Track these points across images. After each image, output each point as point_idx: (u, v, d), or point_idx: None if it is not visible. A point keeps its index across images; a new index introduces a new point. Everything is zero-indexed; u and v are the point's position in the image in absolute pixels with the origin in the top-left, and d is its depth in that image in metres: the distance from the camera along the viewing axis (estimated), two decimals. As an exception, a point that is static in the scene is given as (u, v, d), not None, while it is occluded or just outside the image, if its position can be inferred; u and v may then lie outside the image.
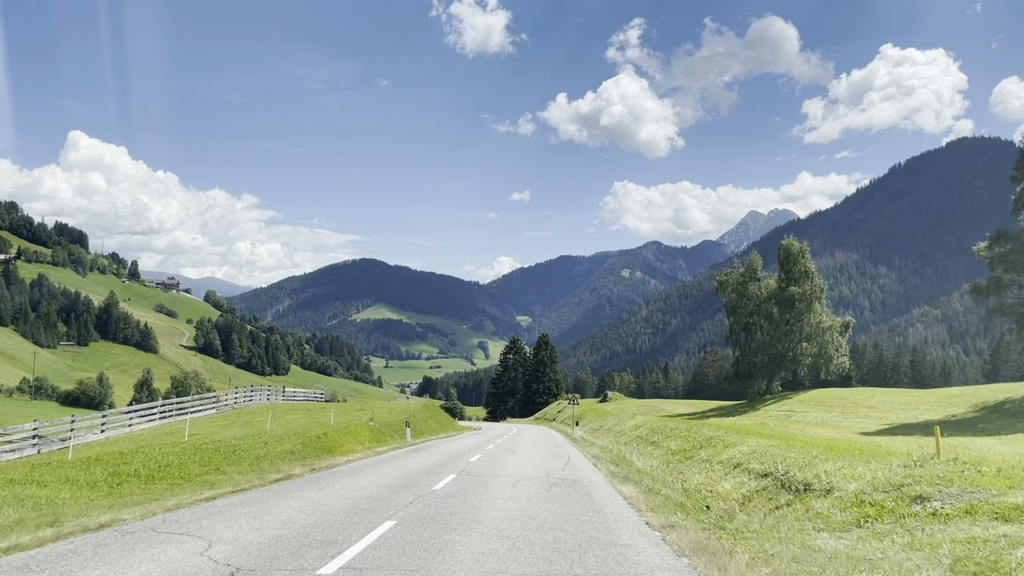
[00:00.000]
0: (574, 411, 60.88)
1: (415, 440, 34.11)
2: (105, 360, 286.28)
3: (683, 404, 73.05)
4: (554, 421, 71.06)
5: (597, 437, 38.95)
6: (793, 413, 51.19)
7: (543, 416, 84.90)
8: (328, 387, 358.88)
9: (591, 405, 78.67)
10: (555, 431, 55.72)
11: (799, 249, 72.76)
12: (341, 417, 39.49)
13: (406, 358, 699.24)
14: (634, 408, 69.73)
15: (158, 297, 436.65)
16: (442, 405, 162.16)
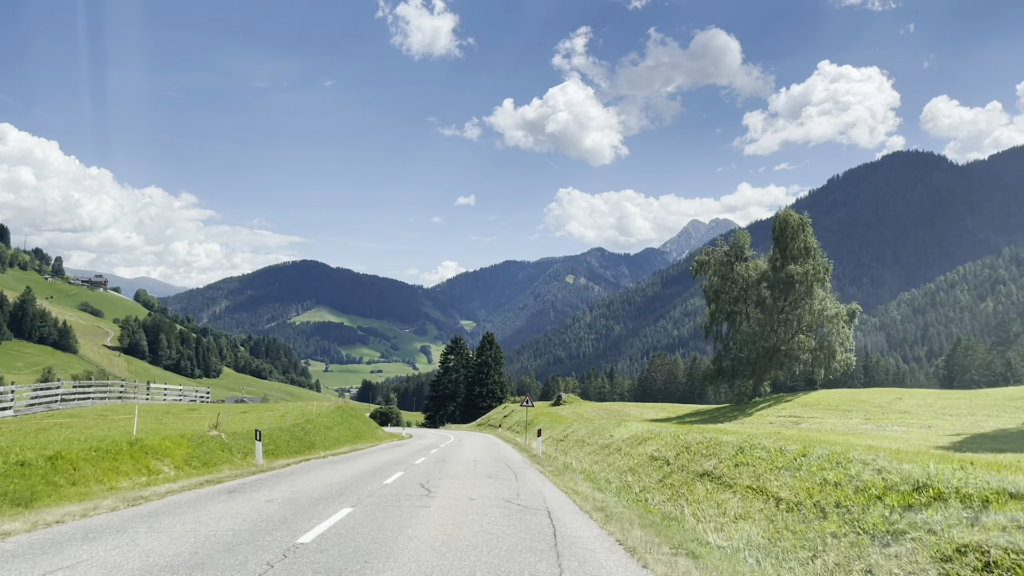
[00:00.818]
0: (527, 416, 48.67)
1: (272, 462, 21.15)
2: (17, 360, 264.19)
3: (649, 408, 61.64)
4: (500, 428, 58.95)
5: (567, 453, 26.74)
6: (800, 419, 39.96)
7: (487, 422, 72.95)
8: (262, 390, 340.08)
9: (543, 409, 66.67)
10: (503, 440, 43.63)
11: (798, 221, 61.83)
12: (178, 423, 26.46)
13: (347, 362, 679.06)
14: (593, 412, 57.91)
15: (83, 295, 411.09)
16: (378, 410, 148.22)
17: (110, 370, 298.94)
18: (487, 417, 77.34)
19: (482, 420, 77.78)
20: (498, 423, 64.20)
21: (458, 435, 56.81)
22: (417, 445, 36.36)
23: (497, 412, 75.20)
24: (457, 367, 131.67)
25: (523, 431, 47.92)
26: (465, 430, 78.11)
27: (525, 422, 49.06)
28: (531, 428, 44.96)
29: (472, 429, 75.60)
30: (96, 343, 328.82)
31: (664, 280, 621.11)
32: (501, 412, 72.20)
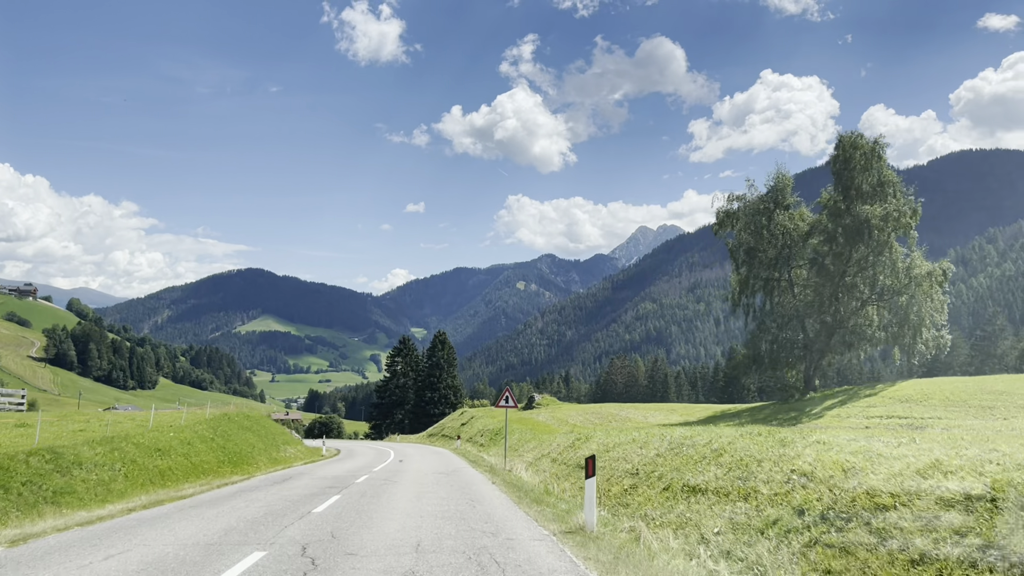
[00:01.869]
0: (496, 422, 35.29)
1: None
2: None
3: (654, 409, 47.32)
4: (458, 440, 45.50)
5: (627, 503, 13.07)
6: (916, 422, 27.09)
7: (440, 431, 59.65)
8: (201, 401, 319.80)
9: (512, 414, 53.07)
10: (465, 461, 30.68)
11: (870, 147, 46.68)
12: None
13: (294, 372, 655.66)
14: (579, 416, 44.70)
15: (11, 304, 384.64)
16: (316, 420, 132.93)
17: (33, 382, 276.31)
18: (440, 426, 63.85)
19: (434, 429, 64.37)
20: (454, 433, 50.92)
21: (402, 450, 43.59)
22: (330, 472, 22.93)
23: (453, 419, 61.72)
24: (405, 371, 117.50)
25: (491, 443, 34.61)
26: (413, 442, 64.46)
27: (493, 431, 35.72)
28: (499, 439, 31.87)
29: (422, 441, 62.19)
30: (20, 354, 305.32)
31: (615, 285, 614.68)
32: (458, 419, 58.75)
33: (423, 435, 67.23)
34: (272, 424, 40.03)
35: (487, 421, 47.43)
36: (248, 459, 25.60)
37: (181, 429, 23.36)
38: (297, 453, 35.89)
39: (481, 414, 53.46)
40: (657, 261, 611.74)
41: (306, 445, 51.12)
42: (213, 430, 25.70)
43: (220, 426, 27.01)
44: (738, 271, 49.74)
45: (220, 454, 23.11)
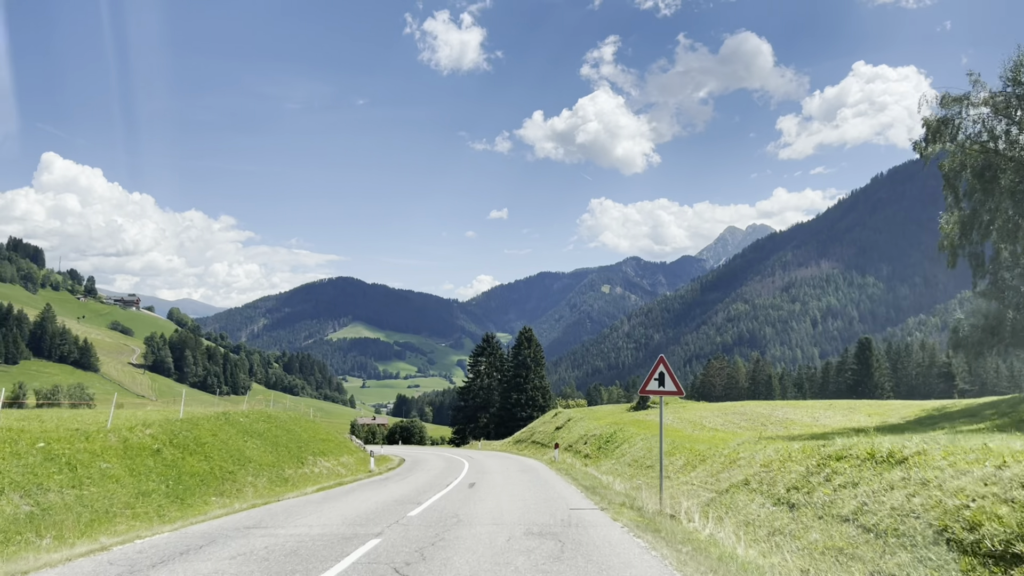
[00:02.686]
0: (660, 421, 24.53)
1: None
2: (35, 379, 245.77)
3: (819, 408, 33.65)
4: (555, 449, 34.80)
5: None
6: None
7: (529, 437, 49.51)
8: (294, 407, 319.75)
9: (617, 414, 41.90)
10: (577, 489, 19.73)
11: None
12: None
13: (384, 377, 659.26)
14: (717, 417, 33.12)
15: (116, 314, 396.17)
16: (398, 424, 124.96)
17: (132, 388, 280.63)
18: (529, 430, 53.45)
19: (522, 435, 54.17)
20: (548, 439, 40.71)
21: (480, 464, 33.95)
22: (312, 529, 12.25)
23: (544, 423, 51.12)
24: (489, 371, 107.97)
25: (601, 454, 24.16)
26: (497, 450, 54.60)
27: (601, 438, 25.14)
28: (611, 448, 21.26)
29: (507, 448, 52.42)
30: (121, 361, 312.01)
31: (703, 286, 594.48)
32: (551, 422, 48.27)
33: (509, 441, 57.08)
34: (310, 428, 30.80)
35: (589, 424, 37.09)
36: (217, 487, 16.14)
37: (97, 436, 14.02)
38: (330, 469, 26.40)
39: (580, 415, 43.14)
40: (747, 261, 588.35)
41: (368, 452, 41.77)
42: (170, 438, 16.47)
43: (191, 432, 17.79)
44: (958, 207, 36.01)
45: (155, 482, 13.71)
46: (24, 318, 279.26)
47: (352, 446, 37.67)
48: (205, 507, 14.19)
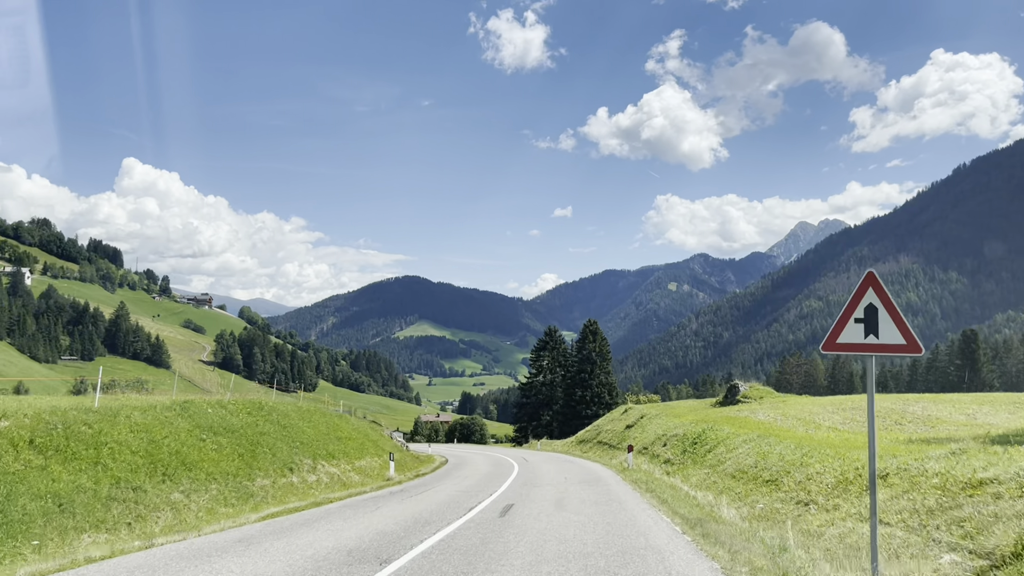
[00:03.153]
0: (870, 422, 17.62)
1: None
2: (109, 375, 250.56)
3: (974, 403, 25.59)
4: (628, 453, 27.60)
5: None
6: None
7: (594, 437, 42.66)
8: (358, 404, 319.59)
9: (701, 411, 34.13)
10: (678, 530, 12.44)
11: None
12: None
13: (449, 375, 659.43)
14: (835, 414, 25.46)
15: (189, 313, 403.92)
16: (457, 421, 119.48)
17: (201, 384, 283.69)
18: (595, 429, 46.35)
19: (586, 434, 47.25)
20: (617, 440, 33.86)
21: (534, 469, 27.65)
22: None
23: (613, 420, 43.90)
24: (552, 366, 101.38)
25: (689, 460, 17.57)
26: (559, 451, 48.09)
27: (686, 439, 18.35)
28: (702, 452, 14.58)
29: (570, 449, 45.87)
30: (192, 358, 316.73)
31: (774, 283, 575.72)
32: (620, 419, 41.12)
33: (571, 441, 50.23)
34: (323, 424, 24.99)
35: (667, 422, 30.28)
36: (92, 514, 10.03)
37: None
38: (335, 477, 20.44)
39: (654, 412, 36.24)
40: (821, 257, 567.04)
41: (411, 451, 35.73)
42: (32, 436, 10.62)
43: (92, 428, 11.93)
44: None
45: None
46: (100, 316, 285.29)
47: (388, 445, 31.66)
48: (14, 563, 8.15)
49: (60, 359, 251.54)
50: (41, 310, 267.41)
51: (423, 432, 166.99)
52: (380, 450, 28.93)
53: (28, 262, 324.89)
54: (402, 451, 35.82)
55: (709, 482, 17.91)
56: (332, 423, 26.33)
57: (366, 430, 32.19)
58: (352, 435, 27.12)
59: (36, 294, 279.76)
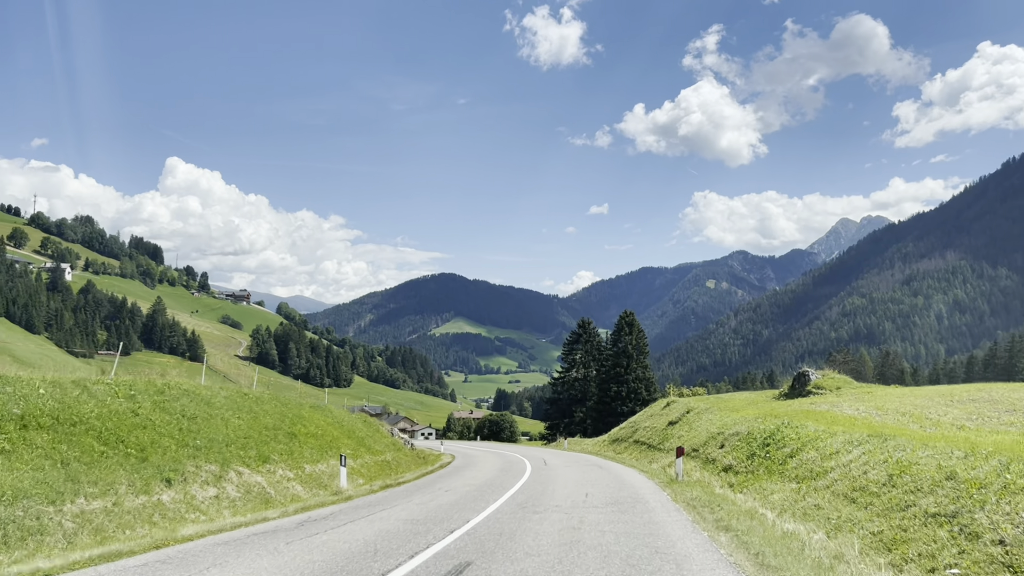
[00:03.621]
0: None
1: None
2: (145, 370, 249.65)
3: None
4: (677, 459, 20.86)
5: None
6: None
7: (630, 436, 35.87)
8: (393, 400, 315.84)
9: (762, 403, 27.03)
10: None
11: None
12: None
13: (485, 372, 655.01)
14: (953, 407, 18.87)
15: (227, 309, 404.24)
16: (487, 417, 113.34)
17: (236, 379, 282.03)
18: (631, 426, 39.39)
19: (621, 431, 40.38)
20: (659, 439, 27.41)
21: (550, 476, 21.13)
22: None
23: (651, 416, 36.87)
24: (586, 360, 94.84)
25: (760, 471, 11.04)
26: (589, 451, 41.58)
27: (753, 440, 11.89)
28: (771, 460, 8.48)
29: (601, 450, 39.32)
30: (228, 353, 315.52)
31: (816, 280, 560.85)
32: (661, 415, 34.19)
33: (604, 440, 43.41)
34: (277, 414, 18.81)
35: (723, 419, 23.66)
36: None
37: None
38: (263, 490, 14.01)
39: (703, 405, 29.50)
40: (863, 253, 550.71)
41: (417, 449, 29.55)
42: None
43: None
44: None
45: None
46: (138, 311, 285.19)
47: (380, 443, 25.55)
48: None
49: (97, 354, 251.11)
50: (80, 305, 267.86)
51: (455, 429, 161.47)
52: (363, 450, 22.91)
53: (70, 258, 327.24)
54: (401, 450, 29.73)
55: (806, 505, 11.53)
56: (293, 414, 20.42)
57: (352, 425, 26.20)
58: (321, 431, 21.17)
59: (75, 289, 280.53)
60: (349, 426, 24.78)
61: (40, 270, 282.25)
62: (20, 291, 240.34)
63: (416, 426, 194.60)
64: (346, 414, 28.16)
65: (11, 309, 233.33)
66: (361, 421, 29.40)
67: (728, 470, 17.72)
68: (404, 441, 33.37)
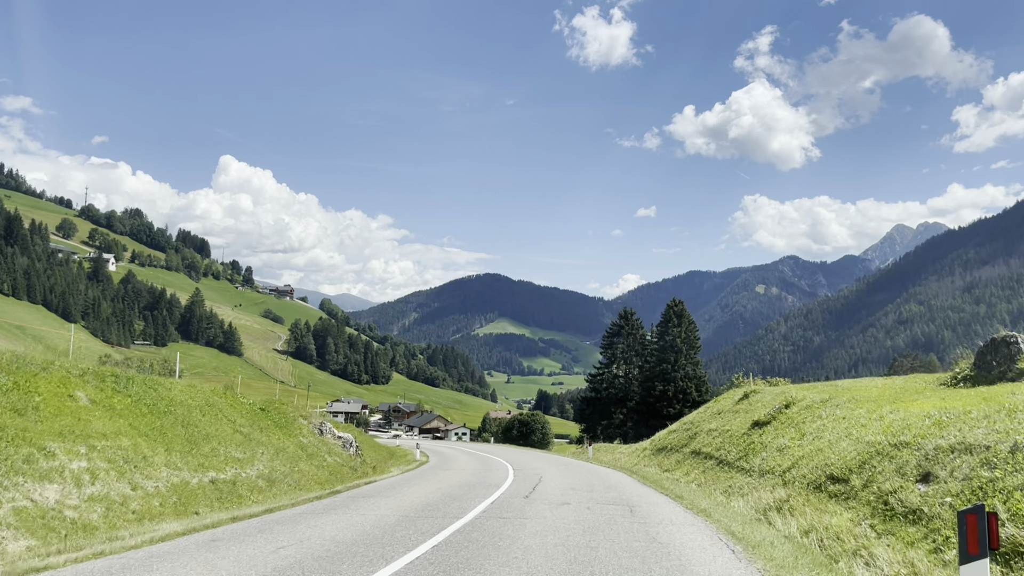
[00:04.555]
0: None
1: None
2: (181, 362, 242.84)
3: None
4: (779, 491, 9.45)
5: None
6: None
7: (685, 443, 23.61)
8: (431, 398, 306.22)
9: (933, 393, 15.41)
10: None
11: None
12: None
13: (528, 373, 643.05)
14: None
15: (270, 303, 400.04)
16: (518, 416, 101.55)
17: (273, 374, 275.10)
18: (686, 428, 26.54)
19: (670, 437, 27.80)
20: (730, 447, 16.17)
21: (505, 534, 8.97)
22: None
23: (717, 415, 23.88)
24: (628, 355, 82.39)
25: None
26: (623, 462, 29.40)
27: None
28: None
29: (638, 459, 27.25)
30: (266, 347, 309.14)
31: (870, 286, 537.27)
32: (733, 413, 21.05)
33: (647, 447, 30.70)
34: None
35: (886, 418, 11.49)
36: None
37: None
38: None
39: (816, 396, 16.93)
40: (921, 260, 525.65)
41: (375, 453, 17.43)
42: None
43: None
44: None
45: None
46: (176, 302, 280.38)
47: (233, 450, 13.85)
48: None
49: (133, 344, 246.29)
50: (119, 295, 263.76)
51: (490, 429, 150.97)
52: (194, 459, 11.51)
53: (116, 249, 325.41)
54: (315, 457, 17.98)
55: None
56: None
57: (192, 417, 14.70)
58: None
59: (116, 280, 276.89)
60: (185, 417, 13.61)
61: (82, 259, 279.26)
62: (58, 279, 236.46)
63: (450, 425, 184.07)
64: (209, 395, 16.77)
65: (48, 297, 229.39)
66: (241, 409, 17.92)
67: (934, 547, 6.01)
68: (345, 443, 21.90)
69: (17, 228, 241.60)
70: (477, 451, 48.76)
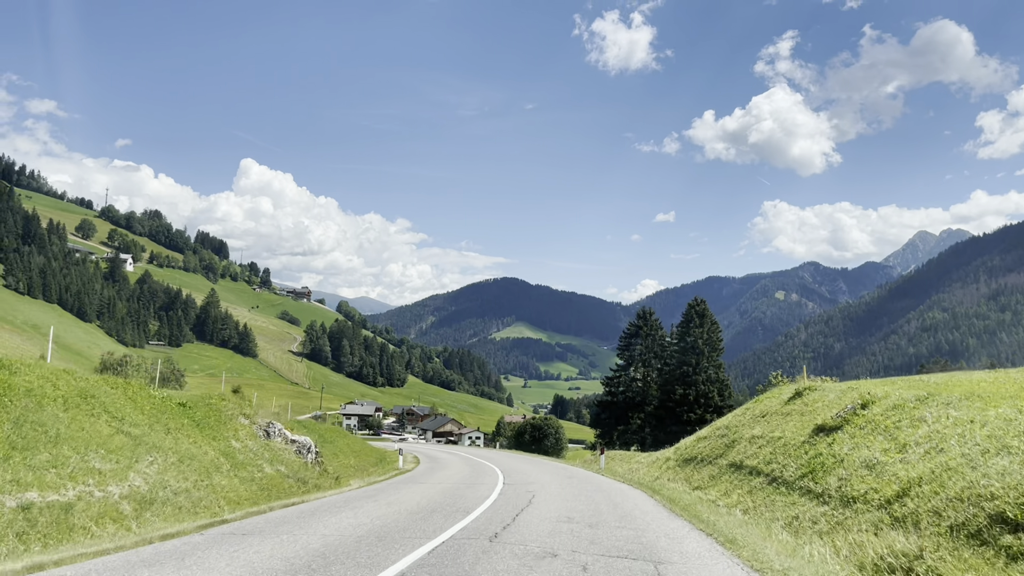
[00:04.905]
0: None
1: None
2: (195, 363, 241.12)
3: None
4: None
5: None
6: None
7: (719, 453, 19.54)
8: (446, 401, 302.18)
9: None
10: None
11: None
12: None
13: (545, 378, 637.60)
14: None
15: (287, 305, 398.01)
16: (530, 421, 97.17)
17: (288, 375, 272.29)
18: (719, 434, 22.45)
19: (699, 446, 23.68)
20: (792, 465, 12.26)
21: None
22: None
23: (766, 418, 19.84)
24: (646, 356, 77.67)
25: None
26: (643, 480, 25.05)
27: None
28: None
29: (661, 477, 22.87)
30: (281, 349, 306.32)
31: (892, 293, 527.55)
32: (784, 415, 16.37)
33: (670, 457, 26.02)
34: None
35: (997, 417, 7.17)
36: None
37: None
38: None
39: (908, 394, 12.55)
40: (945, 267, 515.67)
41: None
42: None
43: None
44: None
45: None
46: (192, 303, 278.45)
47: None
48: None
49: (147, 343, 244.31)
50: (135, 295, 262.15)
51: (505, 433, 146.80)
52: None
53: (134, 250, 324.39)
54: (241, 470, 13.69)
55: None
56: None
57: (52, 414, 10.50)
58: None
59: (133, 280, 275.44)
60: (27, 411, 9.55)
61: (99, 259, 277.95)
62: (74, 279, 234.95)
63: (464, 429, 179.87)
64: (92, 384, 12.58)
65: (63, 296, 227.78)
66: (143, 404, 13.70)
67: None
68: (301, 449, 17.70)
69: (35, 227, 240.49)
70: (478, 457, 44.45)
